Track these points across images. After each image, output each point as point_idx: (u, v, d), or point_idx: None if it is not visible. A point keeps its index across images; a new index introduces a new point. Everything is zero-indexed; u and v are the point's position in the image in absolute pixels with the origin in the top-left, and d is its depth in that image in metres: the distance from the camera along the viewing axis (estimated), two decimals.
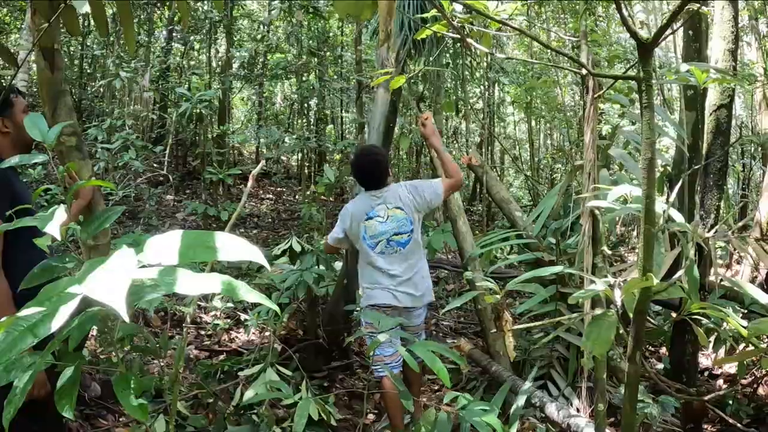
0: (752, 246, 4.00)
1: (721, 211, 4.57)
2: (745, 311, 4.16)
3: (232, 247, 1.06)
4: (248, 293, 1.23)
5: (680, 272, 1.65)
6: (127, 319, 0.87)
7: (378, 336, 3.16)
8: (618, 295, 1.70)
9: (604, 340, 1.60)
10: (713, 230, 4.06)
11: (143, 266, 1.04)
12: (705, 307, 1.59)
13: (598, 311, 1.77)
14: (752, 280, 5.77)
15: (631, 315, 1.67)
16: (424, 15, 2.22)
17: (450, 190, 3.73)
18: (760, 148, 10.26)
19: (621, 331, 1.74)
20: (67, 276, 1.88)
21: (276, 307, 1.31)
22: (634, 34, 1.30)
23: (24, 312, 1.09)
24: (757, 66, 10.30)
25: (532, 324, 2.56)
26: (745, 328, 1.73)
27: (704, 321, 3.74)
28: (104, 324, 3.09)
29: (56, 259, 1.93)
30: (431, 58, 5.45)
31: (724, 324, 3.84)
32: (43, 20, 2.75)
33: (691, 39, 4.29)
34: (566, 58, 13.27)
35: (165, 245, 1.06)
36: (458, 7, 2.66)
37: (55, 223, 1.55)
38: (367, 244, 3.59)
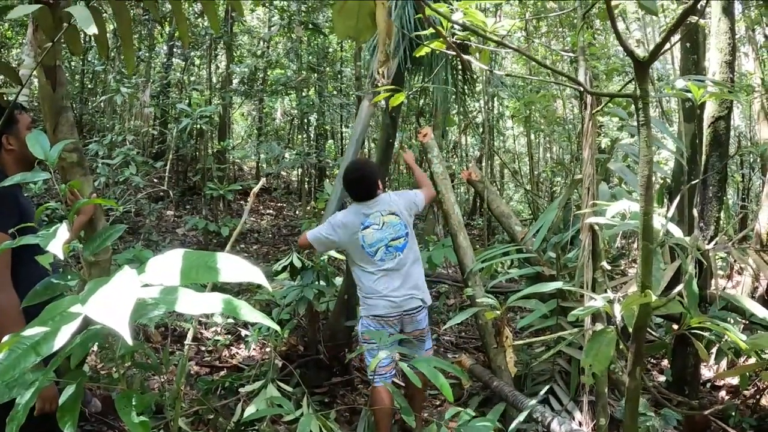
0: (752, 257, 4.00)
1: (721, 222, 4.58)
2: (746, 323, 4.16)
3: (234, 267, 1.07)
4: (249, 313, 1.24)
5: (679, 287, 1.65)
6: (130, 341, 0.87)
7: (378, 352, 3.18)
8: (617, 311, 1.71)
9: (604, 356, 1.61)
10: (713, 242, 4.07)
11: (145, 286, 1.05)
12: (704, 321, 1.60)
13: (599, 326, 1.78)
14: (753, 291, 5.77)
15: (631, 330, 1.68)
16: (422, 33, 2.24)
17: (428, 201, 4.11)
18: (759, 159, 10.29)
19: (621, 346, 1.74)
20: (69, 294, 1.90)
21: (276, 326, 1.31)
22: (630, 53, 1.32)
23: (27, 331, 1.10)
24: (755, 76, 10.35)
25: (533, 339, 2.56)
26: (744, 341, 1.73)
27: (705, 333, 3.74)
28: (105, 340, 3.08)
29: (58, 276, 1.93)
30: (430, 76, 5.49)
31: (725, 336, 3.83)
32: (46, 38, 2.77)
33: (689, 51, 4.32)
34: (565, 72, 13.33)
35: (166, 265, 1.07)
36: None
37: (58, 242, 1.56)
38: (368, 252, 3.68)
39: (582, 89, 1.87)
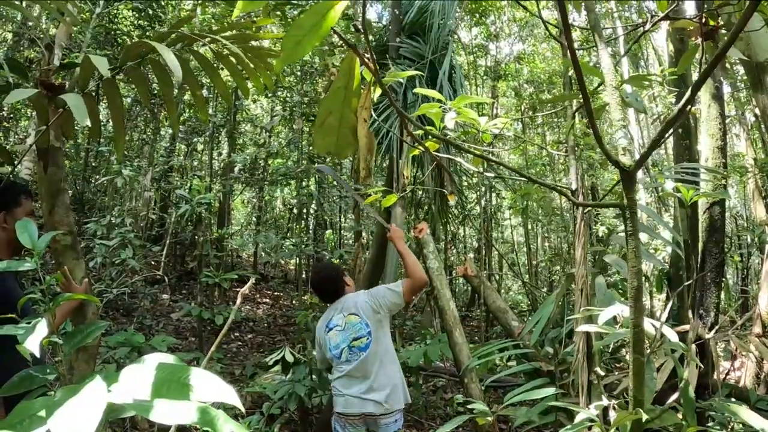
0: (754, 343, 3.93)
1: (722, 304, 4.53)
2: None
3: (207, 385, 1.04)
4: (226, 424, 1.19)
5: (674, 396, 1.59)
6: None
7: None
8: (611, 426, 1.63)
9: None
10: (714, 330, 4.01)
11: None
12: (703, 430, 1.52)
13: None
14: (757, 375, 5.67)
15: None
16: (418, 131, 2.28)
17: (411, 290, 3.70)
18: (756, 239, 10.33)
19: None
20: (47, 387, 1.84)
21: None
22: (615, 162, 1.32)
23: None
24: (747, 157, 10.54)
25: None
26: None
27: (710, 423, 3.62)
28: None
29: (37, 369, 1.88)
30: (428, 172, 5.57)
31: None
32: (41, 122, 2.81)
33: (681, 136, 4.41)
34: (561, 159, 13.56)
35: (139, 379, 1.04)
36: (450, 123, 2.73)
37: (36, 338, 1.51)
38: (333, 355, 3.67)
39: (569, 199, 1.88)
